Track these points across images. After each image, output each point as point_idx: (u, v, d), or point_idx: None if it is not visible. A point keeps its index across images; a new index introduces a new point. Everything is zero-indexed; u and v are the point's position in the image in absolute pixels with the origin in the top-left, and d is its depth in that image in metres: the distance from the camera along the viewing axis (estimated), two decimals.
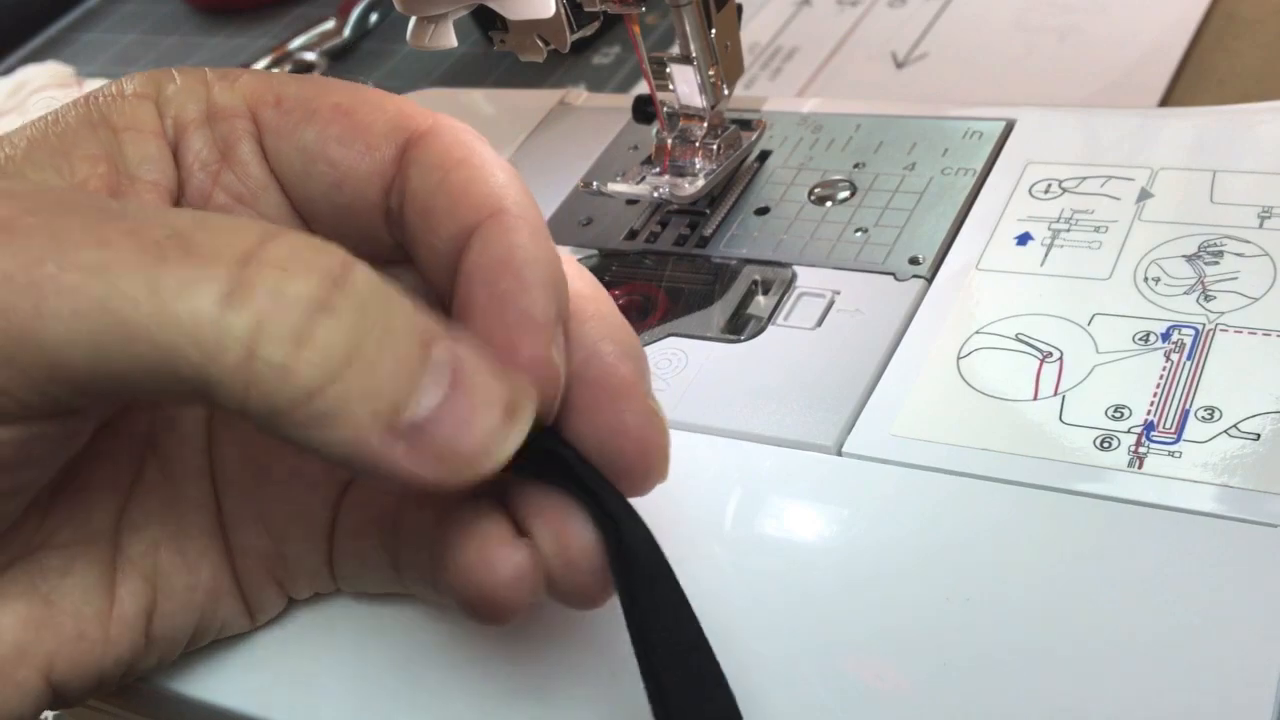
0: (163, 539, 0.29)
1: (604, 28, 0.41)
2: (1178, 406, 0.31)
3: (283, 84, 0.29)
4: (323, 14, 0.69)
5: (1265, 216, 0.36)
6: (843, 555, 0.30)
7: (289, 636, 0.32)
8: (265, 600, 0.31)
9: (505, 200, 0.27)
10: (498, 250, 0.26)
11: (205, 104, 0.29)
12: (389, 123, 0.28)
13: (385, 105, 0.29)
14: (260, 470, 0.30)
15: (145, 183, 0.28)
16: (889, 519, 0.31)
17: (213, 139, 0.29)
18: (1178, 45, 0.46)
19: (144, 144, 0.28)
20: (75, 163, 0.27)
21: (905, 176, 0.41)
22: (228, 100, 0.29)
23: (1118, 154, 0.39)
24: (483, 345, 0.25)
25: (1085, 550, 0.29)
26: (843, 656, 0.28)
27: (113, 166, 0.28)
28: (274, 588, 0.31)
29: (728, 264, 0.40)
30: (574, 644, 0.30)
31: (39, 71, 0.63)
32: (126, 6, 0.76)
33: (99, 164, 0.27)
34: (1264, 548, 0.28)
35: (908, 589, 0.29)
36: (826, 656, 0.29)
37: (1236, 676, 0.26)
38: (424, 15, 0.38)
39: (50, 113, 0.28)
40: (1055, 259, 0.36)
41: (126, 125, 0.28)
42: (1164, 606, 0.27)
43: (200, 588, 0.30)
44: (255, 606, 0.31)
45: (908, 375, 0.34)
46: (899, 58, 0.50)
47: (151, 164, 0.28)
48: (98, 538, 0.28)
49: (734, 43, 0.40)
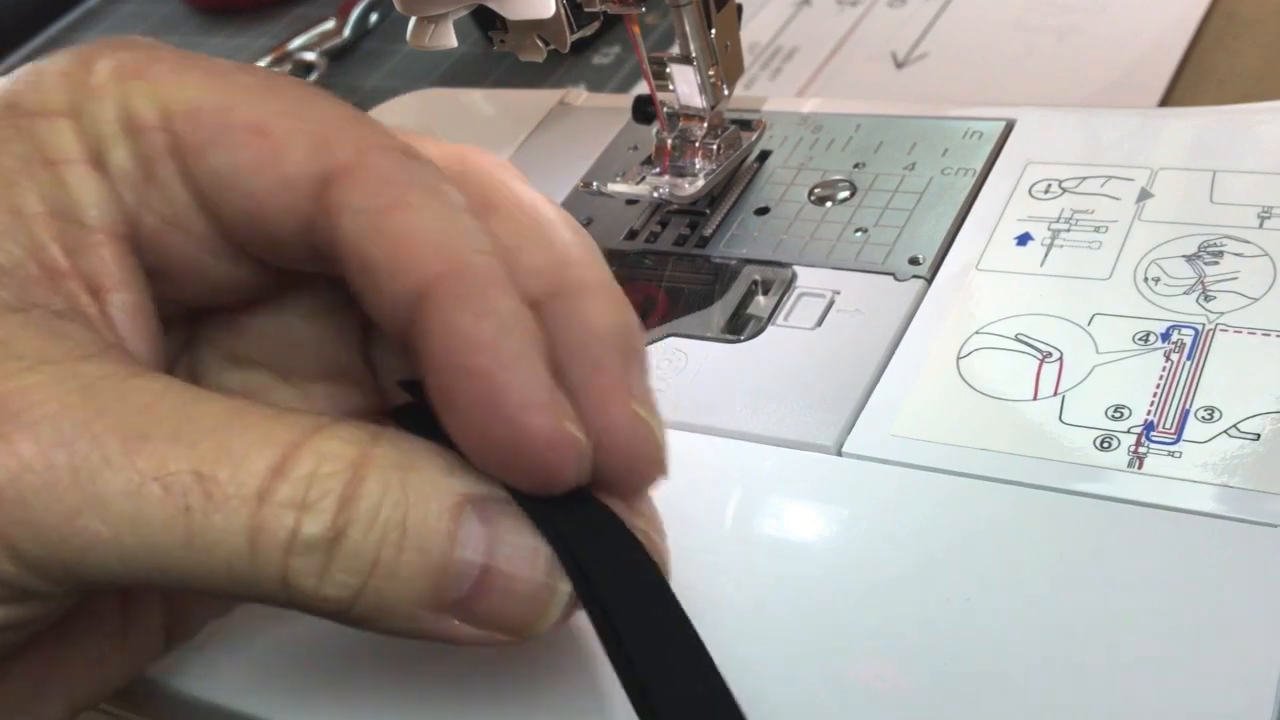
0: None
1: (604, 28, 0.41)
2: (1178, 406, 0.31)
3: (201, 88, 0.25)
4: (322, 14, 0.69)
5: (1265, 216, 0.36)
6: (842, 555, 0.30)
7: (289, 636, 0.32)
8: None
9: (457, 253, 0.24)
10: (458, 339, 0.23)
11: (123, 112, 0.25)
12: (308, 149, 0.25)
13: (307, 124, 0.25)
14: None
15: (100, 231, 0.25)
16: (889, 519, 0.31)
17: (133, 154, 0.25)
18: (1178, 45, 0.46)
19: (84, 179, 0.25)
20: (31, 226, 0.25)
21: (905, 176, 0.41)
22: (144, 108, 0.25)
23: (1118, 154, 0.39)
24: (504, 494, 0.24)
25: (1085, 550, 0.29)
26: (842, 656, 0.28)
27: (63, 221, 0.25)
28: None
29: (728, 264, 0.40)
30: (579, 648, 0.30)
31: None
32: (126, 7, 0.76)
33: (52, 223, 0.25)
34: (1264, 548, 0.28)
35: (907, 589, 0.29)
36: (826, 656, 0.29)
37: (1236, 676, 0.26)
38: (424, 15, 0.38)
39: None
40: (1055, 259, 0.36)
41: (61, 158, 0.25)
42: (1164, 606, 0.27)
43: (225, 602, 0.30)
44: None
45: (908, 375, 0.34)
46: (899, 58, 0.50)
47: (98, 206, 0.25)
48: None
49: (734, 43, 0.40)
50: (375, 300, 0.24)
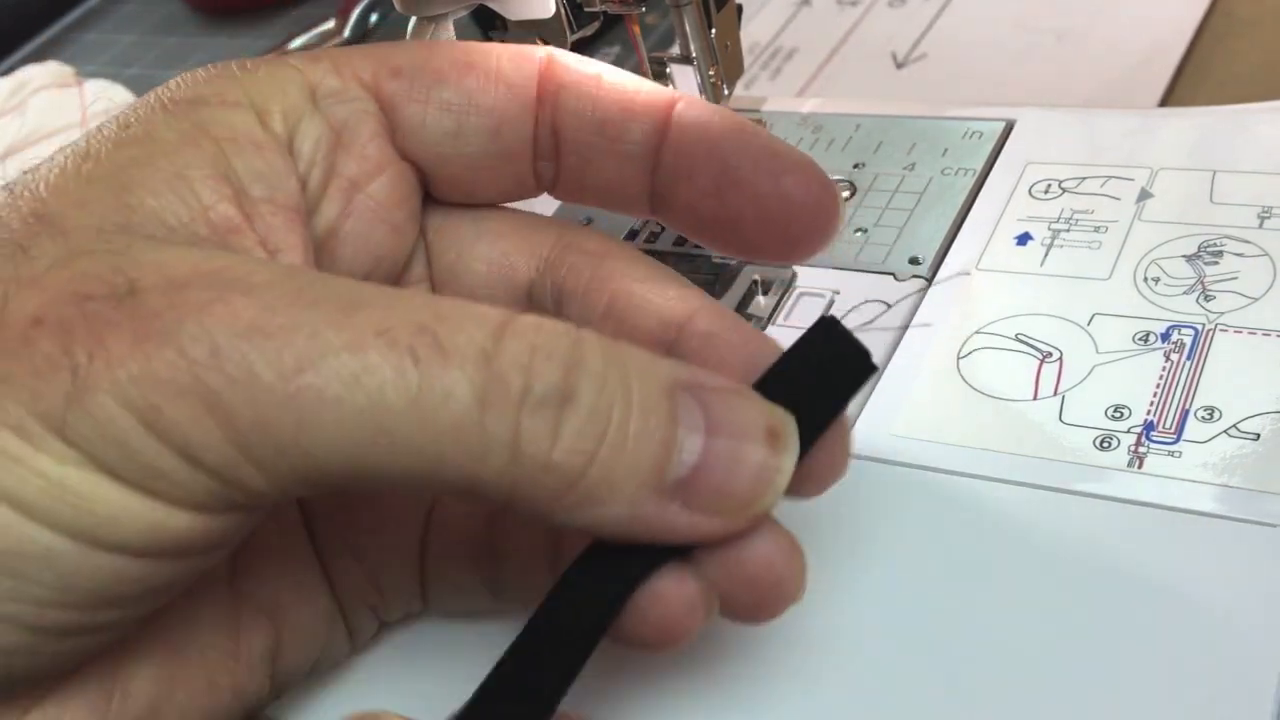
0: (276, 573, 0.28)
1: (604, 28, 0.41)
2: (1177, 406, 0.31)
3: (388, 54, 0.29)
4: (323, 14, 0.69)
5: (1265, 216, 0.36)
6: (842, 555, 0.30)
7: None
8: (362, 625, 0.31)
9: (668, 92, 0.28)
10: (716, 120, 0.28)
11: (308, 92, 0.27)
12: (511, 63, 0.28)
13: (491, 51, 0.29)
14: (344, 499, 0.29)
15: (266, 203, 0.26)
16: (889, 519, 0.31)
17: (324, 127, 0.27)
18: (1178, 45, 0.46)
19: (250, 157, 0.26)
20: (197, 187, 0.25)
21: (905, 176, 0.41)
22: (335, 83, 0.28)
23: (1118, 154, 0.39)
24: (719, 376, 0.24)
25: (1085, 550, 0.29)
26: (841, 656, 0.28)
27: (233, 187, 0.26)
28: (368, 613, 0.30)
29: (728, 264, 0.40)
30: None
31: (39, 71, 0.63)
32: (127, 7, 0.76)
33: (221, 185, 0.25)
34: (1264, 548, 0.28)
35: (907, 589, 0.29)
36: (825, 656, 0.29)
37: (1236, 676, 0.26)
38: (424, 16, 0.38)
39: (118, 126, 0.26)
40: (1055, 259, 0.36)
41: (226, 135, 0.26)
42: (1163, 606, 0.27)
43: (320, 617, 0.29)
44: (355, 632, 0.30)
45: (908, 375, 0.34)
46: (899, 58, 0.50)
47: (264, 180, 0.26)
48: (215, 580, 0.27)
49: (734, 43, 0.40)
50: (617, 149, 0.28)
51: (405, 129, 0.28)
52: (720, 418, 0.23)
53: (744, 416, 0.24)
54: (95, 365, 0.21)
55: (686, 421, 0.23)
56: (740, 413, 0.24)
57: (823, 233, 0.28)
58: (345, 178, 0.28)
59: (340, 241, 0.28)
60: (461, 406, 0.22)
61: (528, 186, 0.30)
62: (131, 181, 0.25)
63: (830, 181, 0.28)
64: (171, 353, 0.21)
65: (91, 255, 0.22)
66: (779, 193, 0.28)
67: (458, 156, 0.29)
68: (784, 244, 0.28)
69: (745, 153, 0.28)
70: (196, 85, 0.27)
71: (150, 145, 0.25)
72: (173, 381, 0.21)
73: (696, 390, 0.24)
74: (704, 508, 0.23)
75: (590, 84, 0.28)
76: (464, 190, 0.30)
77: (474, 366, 0.22)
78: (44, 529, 0.21)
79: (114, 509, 0.21)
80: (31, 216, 0.24)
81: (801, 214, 0.28)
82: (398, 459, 0.22)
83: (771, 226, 0.28)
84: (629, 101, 0.28)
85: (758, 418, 0.24)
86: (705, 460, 0.23)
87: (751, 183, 0.28)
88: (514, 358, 0.22)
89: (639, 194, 0.29)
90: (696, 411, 0.23)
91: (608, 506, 0.23)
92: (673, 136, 0.28)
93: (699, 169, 0.28)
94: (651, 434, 0.23)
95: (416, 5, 0.37)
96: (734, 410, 0.24)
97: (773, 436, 0.24)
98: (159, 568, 0.22)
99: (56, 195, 0.24)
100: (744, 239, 0.28)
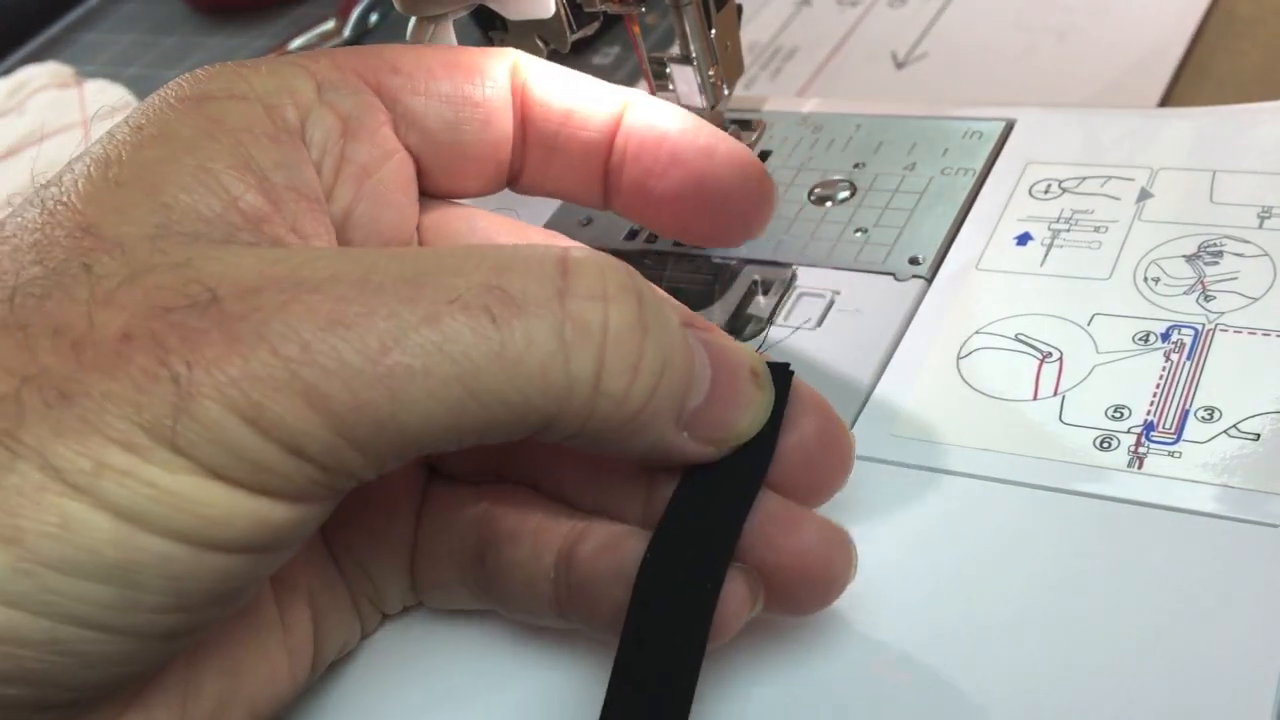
0: (308, 562, 0.29)
1: (604, 28, 0.41)
2: (1177, 406, 0.31)
3: (381, 52, 0.30)
4: (323, 14, 0.69)
5: (1265, 216, 0.36)
6: None
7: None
8: (368, 614, 0.31)
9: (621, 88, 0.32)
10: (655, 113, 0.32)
11: (313, 85, 0.29)
12: (489, 62, 0.31)
13: (469, 52, 0.32)
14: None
15: (289, 190, 0.27)
16: (888, 518, 0.31)
17: (332, 117, 0.29)
18: (1178, 45, 0.46)
19: (267, 147, 0.27)
20: (223, 178, 0.26)
21: (905, 176, 0.41)
22: (336, 77, 0.29)
23: (1118, 154, 0.39)
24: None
25: (1085, 550, 0.29)
26: (840, 656, 0.28)
27: (256, 177, 0.26)
28: (370, 605, 0.31)
29: (728, 264, 0.40)
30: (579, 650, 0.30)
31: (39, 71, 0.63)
32: (126, 7, 0.76)
33: (245, 174, 0.26)
34: (1264, 548, 0.28)
35: (906, 589, 0.29)
36: (824, 656, 0.29)
37: (1236, 676, 0.26)
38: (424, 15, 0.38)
39: (131, 128, 0.27)
40: (1055, 259, 0.36)
41: (241, 127, 0.27)
42: (1163, 606, 0.27)
43: (343, 605, 0.30)
44: (364, 619, 0.31)
45: (908, 375, 0.34)
46: (899, 58, 0.50)
47: (284, 169, 0.27)
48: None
49: (734, 43, 0.40)
50: (579, 135, 0.32)
51: (408, 119, 0.30)
52: (720, 357, 0.26)
53: (736, 357, 0.26)
54: (195, 373, 0.22)
55: (700, 359, 0.25)
56: (733, 354, 0.26)
57: (758, 215, 0.32)
58: (356, 164, 0.29)
59: (353, 225, 0.29)
60: (545, 352, 0.23)
61: (503, 178, 0.32)
62: (161, 180, 0.25)
63: (763, 169, 0.32)
64: (265, 352, 0.22)
65: (156, 270, 0.23)
66: (715, 175, 0.31)
67: (454, 145, 0.31)
68: (721, 226, 0.32)
69: (687, 137, 0.31)
70: (202, 83, 0.28)
71: (170, 143, 0.26)
72: (270, 379, 0.22)
73: (695, 329, 0.26)
74: (704, 438, 0.25)
75: (554, 78, 0.32)
76: (454, 179, 0.31)
77: (550, 311, 0.23)
78: (157, 537, 0.22)
79: (224, 509, 0.22)
80: (78, 230, 0.24)
81: (737, 196, 0.31)
82: (488, 412, 0.23)
83: (709, 207, 0.31)
84: (588, 93, 0.32)
85: (745, 358, 0.26)
86: (713, 394, 0.25)
87: (692, 164, 0.31)
88: (588, 290, 0.23)
89: (595, 182, 0.32)
90: (702, 349, 0.25)
91: (644, 436, 0.25)
92: (626, 124, 0.32)
93: (647, 153, 0.31)
94: (687, 367, 0.25)
95: (416, 5, 0.37)
96: (728, 350, 0.26)
97: (755, 375, 0.26)
98: (259, 562, 0.23)
99: (92, 205, 0.25)
100: (684, 220, 0.32)
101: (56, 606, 0.21)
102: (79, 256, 0.23)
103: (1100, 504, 0.30)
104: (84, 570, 0.21)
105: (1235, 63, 0.45)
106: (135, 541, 0.21)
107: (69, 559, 0.21)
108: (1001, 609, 0.28)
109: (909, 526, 0.31)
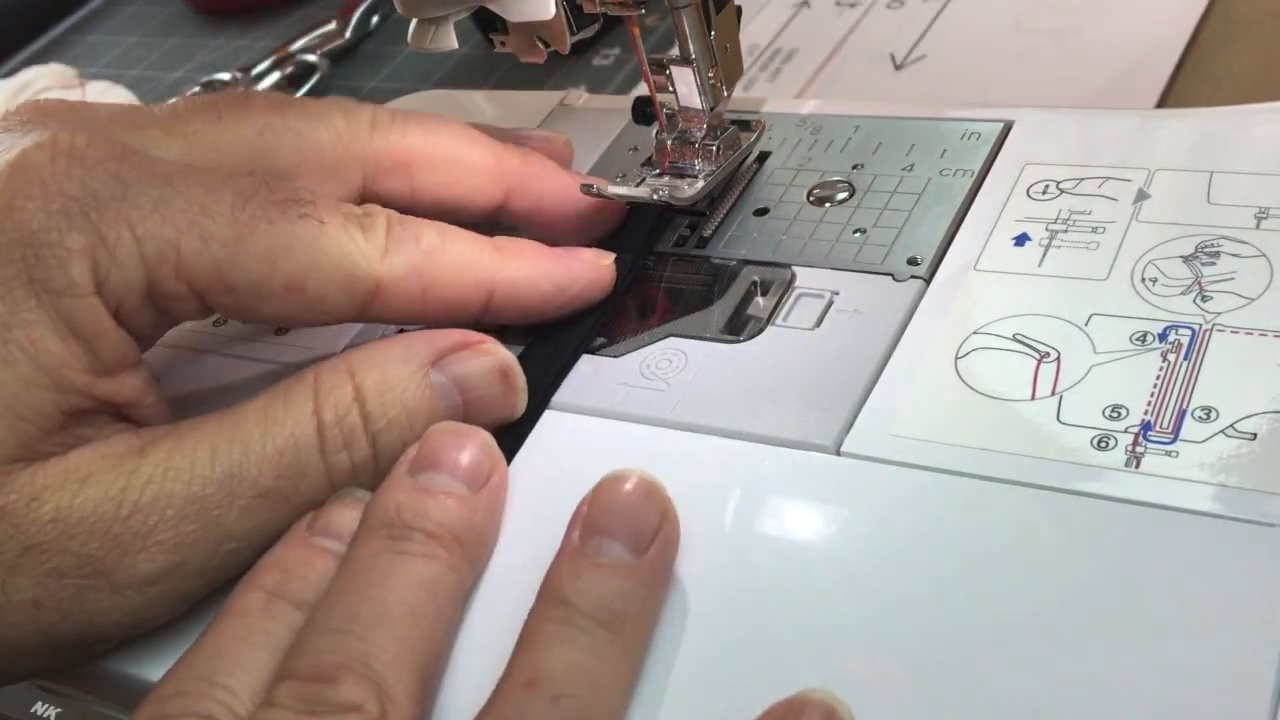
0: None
1: (604, 29, 0.42)
2: (1175, 406, 0.32)
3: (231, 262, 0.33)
4: (324, 15, 0.69)
5: (1262, 217, 0.36)
6: (841, 555, 0.31)
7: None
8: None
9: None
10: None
11: (144, 283, 0.33)
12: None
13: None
14: None
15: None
16: (888, 519, 0.31)
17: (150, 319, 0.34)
18: (1175, 46, 0.46)
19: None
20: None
21: (904, 177, 0.41)
22: (172, 289, 0.33)
23: (1115, 155, 0.39)
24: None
25: (1083, 549, 0.29)
26: (841, 656, 0.29)
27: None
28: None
29: (727, 264, 0.40)
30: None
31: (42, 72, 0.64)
32: (129, 8, 0.76)
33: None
34: (1261, 547, 0.28)
35: (906, 588, 0.29)
36: (824, 656, 0.29)
37: (1233, 676, 0.26)
38: (425, 17, 0.38)
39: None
40: (1053, 259, 0.37)
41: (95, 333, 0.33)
42: (1160, 605, 0.28)
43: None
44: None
45: (906, 375, 0.34)
46: (897, 59, 0.51)
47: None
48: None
49: (733, 44, 0.40)
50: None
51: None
52: (465, 376, 0.36)
53: (478, 368, 0.36)
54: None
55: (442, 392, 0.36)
56: (475, 366, 0.36)
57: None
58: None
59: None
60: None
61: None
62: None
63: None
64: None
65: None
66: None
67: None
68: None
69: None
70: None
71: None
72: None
73: (440, 364, 0.36)
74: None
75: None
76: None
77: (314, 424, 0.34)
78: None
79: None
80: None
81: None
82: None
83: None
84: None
85: (489, 363, 0.36)
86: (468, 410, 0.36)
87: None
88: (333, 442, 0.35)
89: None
90: (448, 382, 0.36)
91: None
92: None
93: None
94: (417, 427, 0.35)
95: (417, 6, 0.38)
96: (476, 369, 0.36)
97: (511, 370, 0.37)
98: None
99: None
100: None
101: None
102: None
103: (1098, 503, 0.30)
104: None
105: (1232, 64, 0.45)
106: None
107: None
108: (999, 608, 0.29)
109: (907, 526, 0.31)
